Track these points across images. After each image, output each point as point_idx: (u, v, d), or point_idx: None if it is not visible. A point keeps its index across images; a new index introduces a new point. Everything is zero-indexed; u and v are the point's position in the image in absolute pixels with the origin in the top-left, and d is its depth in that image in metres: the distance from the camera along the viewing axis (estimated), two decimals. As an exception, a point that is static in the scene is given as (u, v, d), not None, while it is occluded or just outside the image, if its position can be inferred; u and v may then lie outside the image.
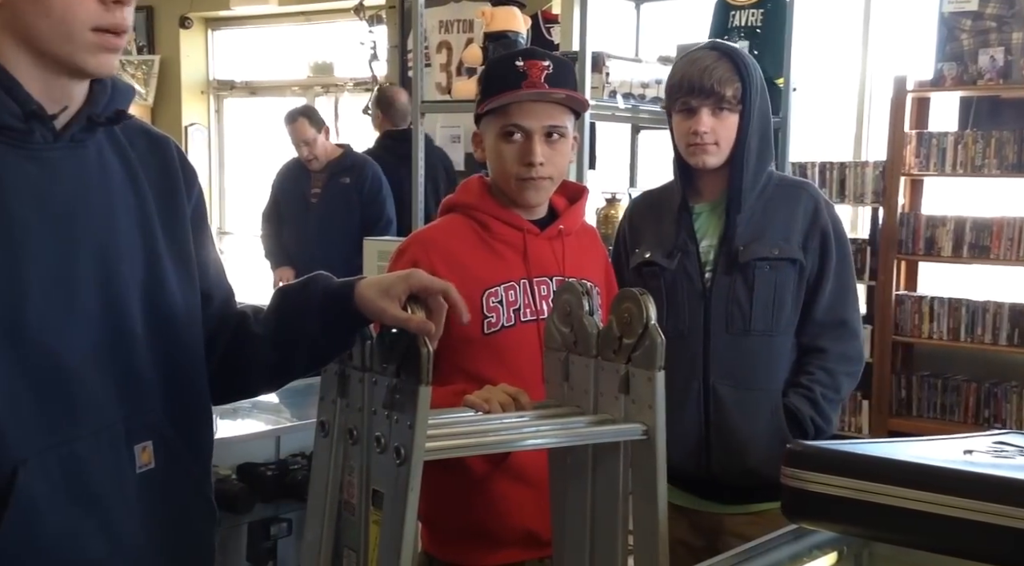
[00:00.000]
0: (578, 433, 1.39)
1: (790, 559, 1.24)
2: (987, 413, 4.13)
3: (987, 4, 4.11)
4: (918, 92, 4.28)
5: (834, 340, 1.84)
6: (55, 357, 1.04)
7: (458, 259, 1.69)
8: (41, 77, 1.06)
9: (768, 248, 1.82)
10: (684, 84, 1.84)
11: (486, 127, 1.71)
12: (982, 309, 4.14)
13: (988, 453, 1.30)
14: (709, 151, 1.83)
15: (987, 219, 4.14)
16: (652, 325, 1.36)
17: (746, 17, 4.31)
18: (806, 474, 1.22)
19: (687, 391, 1.85)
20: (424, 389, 1.12)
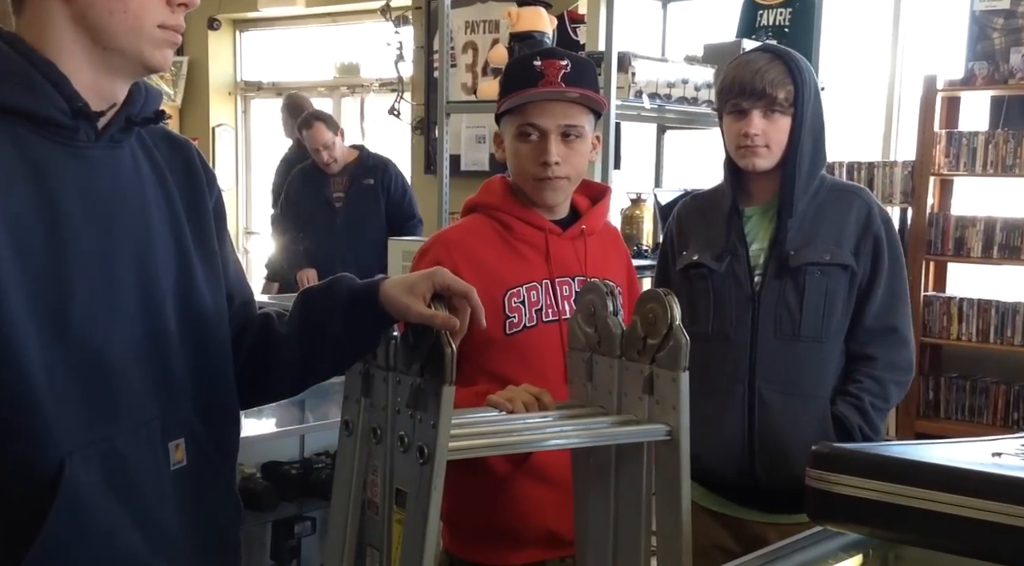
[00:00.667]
0: (602, 433, 1.39)
1: (815, 561, 1.23)
2: (1016, 416, 4.08)
3: (1019, 2, 4.06)
4: (948, 91, 4.23)
5: (884, 347, 1.82)
6: (99, 354, 1.06)
7: (481, 259, 1.69)
8: (94, 74, 1.07)
9: (819, 253, 1.80)
10: (736, 86, 1.83)
11: (505, 127, 1.72)
12: (1012, 310, 4.09)
13: (1017, 455, 1.28)
14: (759, 153, 1.82)
15: (1018, 219, 4.09)
16: (677, 325, 1.36)
17: (774, 16, 4.28)
18: (832, 476, 1.21)
19: (731, 395, 1.83)
20: (448, 389, 1.13)
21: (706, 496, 1.91)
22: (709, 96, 3.19)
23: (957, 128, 4.29)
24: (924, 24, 4.57)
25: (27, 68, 1.03)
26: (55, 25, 1.04)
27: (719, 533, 1.84)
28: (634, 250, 3.57)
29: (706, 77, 3.18)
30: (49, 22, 1.04)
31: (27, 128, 1.02)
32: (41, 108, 1.03)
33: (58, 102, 1.04)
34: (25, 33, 1.06)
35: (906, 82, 4.55)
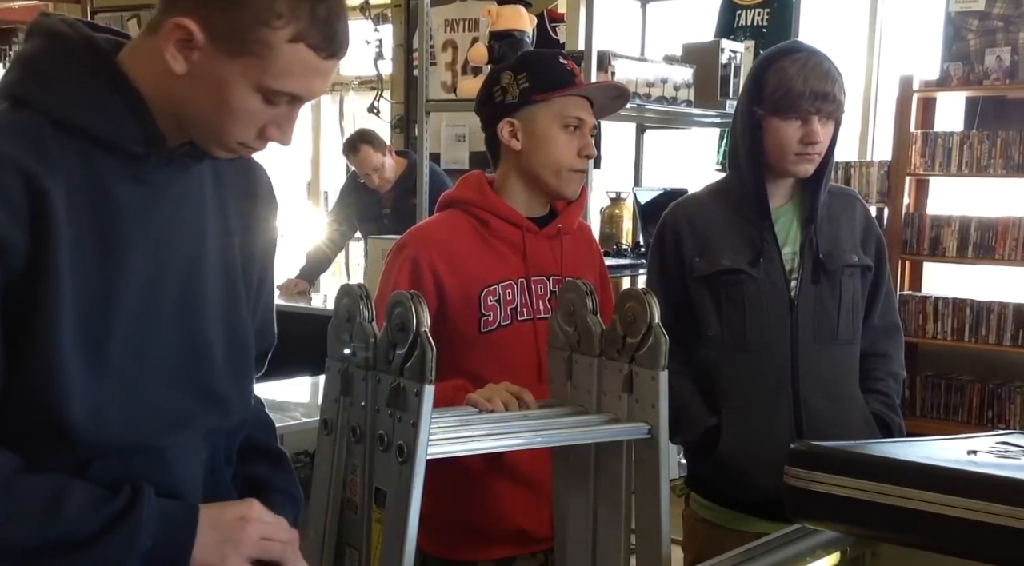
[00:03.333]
0: (582, 432, 1.39)
1: (793, 559, 1.24)
2: (991, 414, 4.12)
3: (994, 4, 4.10)
4: (924, 92, 4.27)
5: (894, 345, 1.88)
6: (133, 383, 1.06)
7: (457, 256, 1.68)
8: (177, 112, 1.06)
9: (848, 255, 1.81)
10: (807, 91, 1.72)
11: (534, 116, 1.69)
12: (986, 309, 4.13)
13: (992, 453, 1.30)
14: (815, 160, 1.77)
15: (992, 219, 4.13)
16: (656, 324, 1.36)
17: (752, 16, 4.30)
18: (811, 474, 1.21)
19: (777, 407, 1.76)
20: (428, 388, 1.12)
21: (737, 519, 1.81)
22: (688, 95, 3.20)
23: (933, 129, 4.33)
24: (900, 25, 4.61)
25: (109, 93, 1.01)
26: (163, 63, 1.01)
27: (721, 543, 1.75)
28: (613, 249, 3.58)
29: (685, 77, 3.19)
30: (159, 59, 1.01)
31: (98, 149, 1.01)
32: (113, 135, 1.02)
33: (133, 131, 1.02)
34: (131, 54, 1.04)
35: (882, 83, 4.59)
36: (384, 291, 1.63)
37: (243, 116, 1.02)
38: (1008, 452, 1.30)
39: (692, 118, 3.45)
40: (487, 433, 1.29)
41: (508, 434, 1.31)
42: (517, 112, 1.70)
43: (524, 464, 1.62)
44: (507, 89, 1.70)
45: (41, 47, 1.02)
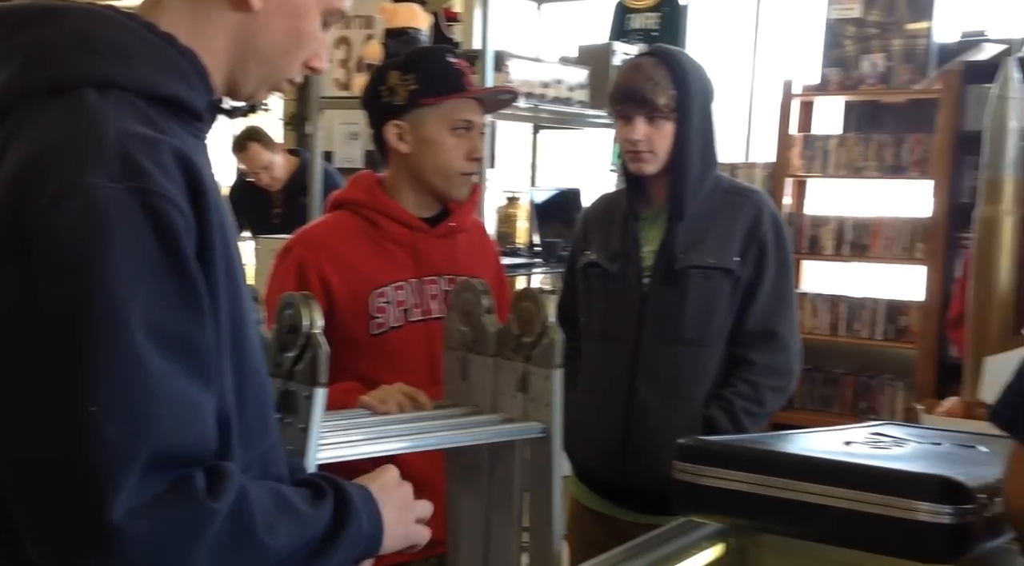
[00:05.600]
0: (476, 433, 1.40)
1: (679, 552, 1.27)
2: (863, 405, 4.33)
3: (870, 11, 4.29)
4: (804, 96, 4.44)
5: (762, 352, 1.80)
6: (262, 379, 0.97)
7: (345, 258, 1.66)
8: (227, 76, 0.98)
9: (704, 257, 1.80)
10: (619, 92, 1.83)
11: (422, 119, 1.67)
12: (860, 305, 4.33)
13: (866, 444, 1.36)
14: (644, 159, 1.81)
15: (867, 219, 4.33)
16: (551, 323, 1.38)
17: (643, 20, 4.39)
18: (697, 468, 1.25)
19: (611, 395, 1.84)
20: (320, 391, 1.11)
21: (586, 495, 1.94)
22: (583, 96, 3.25)
23: (812, 132, 4.51)
24: (782, 31, 4.78)
25: (176, 57, 0.92)
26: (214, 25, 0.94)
27: (598, 531, 1.86)
28: (509, 248, 3.60)
29: (580, 78, 3.24)
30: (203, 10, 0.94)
31: (175, 119, 0.91)
32: (196, 99, 0.93)
33: (202, 92, 0.94)
34: (158, 14, 0.94)
35: (765, 87, 4.76)
36: (271, 295, 1.59)
37: (310, 43, 0.99)
38: (880, 442, 1.37)
39: (586, 119, 3.50)
40: (380, 436, 1.28)
41: (402, 437, 1.31)
42: (405, 114, 1.68)
43: (415, 467, 1.59)
44: (395, 89, 1.68)
45: (86, 25, 0.90)
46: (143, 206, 0.79)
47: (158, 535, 0.76)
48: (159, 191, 0.80)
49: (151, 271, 0.79)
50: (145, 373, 0.77)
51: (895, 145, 4.24)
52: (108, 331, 0.76)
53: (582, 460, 1.91)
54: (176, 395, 0.78)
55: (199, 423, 0.80)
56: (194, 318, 0.81)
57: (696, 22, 4.39)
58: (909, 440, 1.40)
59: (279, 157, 4.30)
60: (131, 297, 0.77)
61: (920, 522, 1.08)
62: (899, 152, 4.23)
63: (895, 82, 4.24)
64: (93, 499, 0.75)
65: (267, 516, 0.83)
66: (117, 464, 0.75)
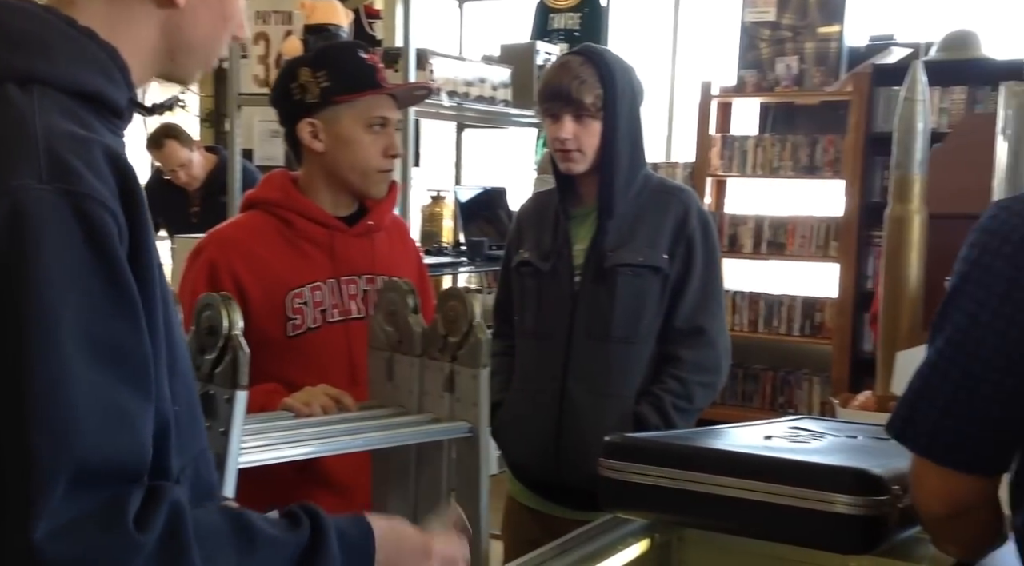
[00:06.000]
0: (403, 433, 1.39)
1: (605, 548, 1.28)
2: (782, 399, 4.44)
3: (783, 14, 4.40)
4: (722, 97, 4.54)
5: (690, 348, 1.82)
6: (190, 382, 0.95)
7: (259, 259, 1.62)
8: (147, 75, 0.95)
9: (633, 255, 1.81)
10: (547, 91, 1.83)
11: (336, 116, 1.64)
12: (778, 302, 4.45)
13: (785, 438, 1.39)
14: (573, 158, 1.82)
15: (783, 218, 4.45)
16: (477, 323, 1.38)
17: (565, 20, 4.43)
18: (623, 464, 1.26)
19: (543, 393, 1.85)
20: (241, 393, 1.09)
21: (522, 492, 1.94)
22: (507, 95, 3.26)
23: (730, 132, 4.61)
24: (700, 33, 4.87)
25: (98, 52, 0.88)
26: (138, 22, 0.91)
27: (533, 528, 1.86)
28: (434, 247, 3.59)
29: (503, 77, 3.24)
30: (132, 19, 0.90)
31: (96, 116, 0.87)
32: (118, 96, 0.89)
33: (123, 89, 0.90)
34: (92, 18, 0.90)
35: (684, 88, 4.84)
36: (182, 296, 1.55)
37: (233, 23, 0.97)
38: (799, 436, 1.40)
39: (510, 118, 3.51)
40: (304, 439, 1.27)
41: (327, 439, 1.29)
42: (318, 112, 1.64)
43: (336, 470, 1.58)
44: (306, 87, 1.64)
45: (3, 16, 0.86)
46: (73, 209, 0.76)
47: (79, 560, 0.73)
48: (90, 193, 0.77)
49: (82, 278, 0.76)
50: (73, 385, 0.74)
51: (809, 146, 4.35)
52: (36, 342, 0.73)
53: (517, 458, 1.92)
54: (106, 407, 0.75)
55: (131, 434, 0.77)
56: (128, 326, 0.78)
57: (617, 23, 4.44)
58: (826, 434, 1.44)
59: (197, 155, 4.20)
60: (61, 305, 0.74)
61: (837, 514, 1.11)
62: (813, 152, 4.34)
63: (808, 84, 4.36)
64: (14, 516, 0.71)
65: (209, 547, 0.79)
66: (40, 479, 0.72)
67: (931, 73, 2.45)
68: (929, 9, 4.26)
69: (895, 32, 4.38)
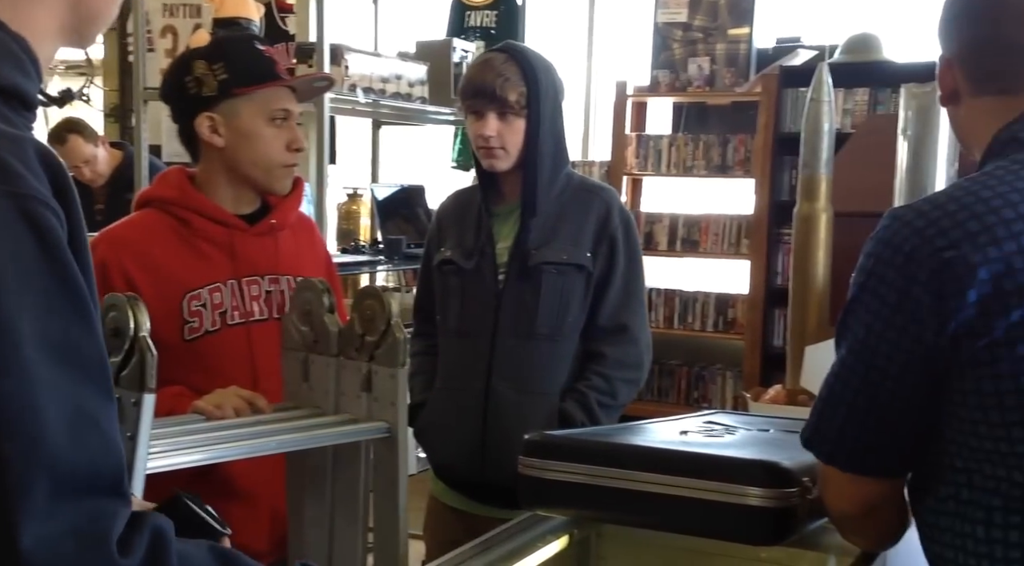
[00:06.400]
0: (319, 435, 1.37)
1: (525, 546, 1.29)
2: (696, 394, 4.54)
3: (695, 16, 4.48)
4: (637, 97, 4.60)
5: (613, 345, 1.83)
6: None
7: (154, 260, 1.56)
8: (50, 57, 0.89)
9: (557, 253, 1.82)
10: (470, 88, 1.82)
11: (236, 110, 1.58)
12: (692, 299, 4.53)
13: (700, 433, 1.42)
14: (497, 155, 1.81)
15: (697, 216, 4.54)
16: (395, 322, 1.37)
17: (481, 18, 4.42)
18: (542, 462, 1.27)
19: (468, 392, 1.84)
20: (148, 397, 1.06)
21: (445, 492, 1.93)
22: (423, 92, 3.23)
23: (645, 131, 4.67)
24: (615, 33, 4.93)
25: (11, 44, 0.83)
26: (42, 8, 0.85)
27: (456, 528, 1.85)
28: (351, 246, 3.55)
29: (420, 74, 3.22)
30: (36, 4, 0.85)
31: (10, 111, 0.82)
32: (31, 89, 0.84)
33: (37, 84, 0.85)
34: None
35: (600, 87, 4.89)
36: None
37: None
38: (714, 431, 1.43)
39: (427, 115, 3.49)
40: (216, 442, 1.24)
41: (240, 442, 1.26)
42: (217, 106, 1.58)
43: (237, 478, 1.53)
44: (202, 80, 1.58)
45: None
46: (20, 212, 0.73)
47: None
48: (33, 194, 0.74)
49: (37, 280, 0.73)
50: (38, 388, 0.71)
51: (721, 145, 4.45)
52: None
53: (441, 458, 1.91)
54: (73, 409, 0.73)
55: (100, 435, 0.75)
56: (85, 326, 0.76)
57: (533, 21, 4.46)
58: (739, 428, 1.47)
59: (101, 151, 4.07)
60: (17, 309, 0.71)
61: (750, 506, 1.14)
62: (725, 152, 4.44)
63: (719, 85, 4.45)
64: (3, 521, 0.69)
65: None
66: (15, 486, 0.69)
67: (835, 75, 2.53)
68: (833, 12, 4.40)
69: (801, 34, 4.50)
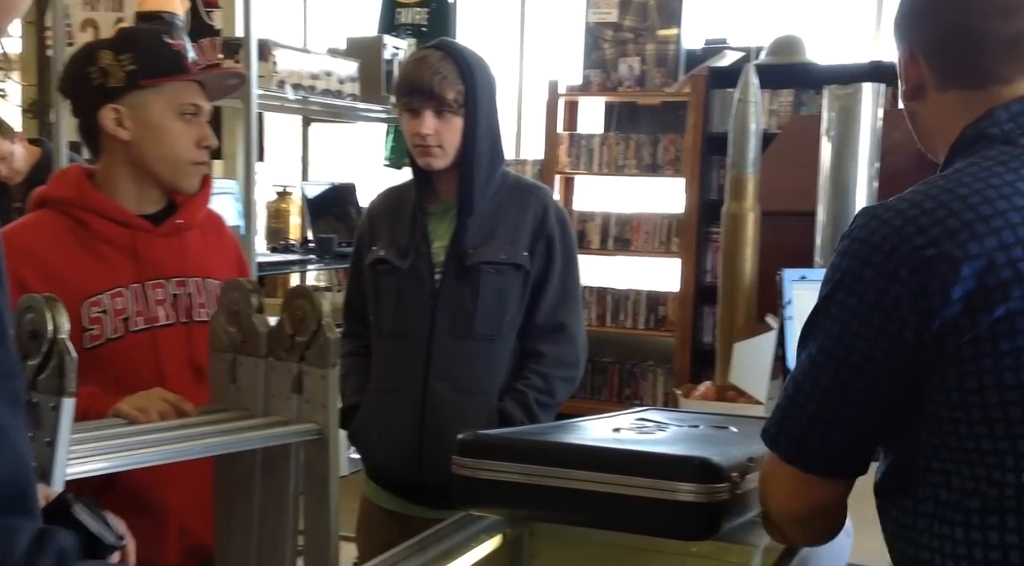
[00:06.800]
0: (248, 437, 1.34)
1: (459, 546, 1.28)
2: (628, 391, 4.58)
3: (625, 16, 4.53)
4: (568, 96, 4.62)
5: (552, 344, 1.83)
6: None
7: (50, 264, 1.48)
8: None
9: (495, 252, 1.81)
10: (407, 85, 1.80)
11: (144, 103, 1.52)
12: (624, 297, 4.58)
13: (632, 430, 1.43)
14: (434, 154, 1.80)
15: (628, 215, 4.58)
16: (326, 322, 1.35)
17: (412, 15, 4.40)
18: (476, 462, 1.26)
19: (406, 393, 1.81)
20: (68, 401, 1.03)
21: (379, 494, 1.91)
22: (354, 89, 3.20)
23: (577, 130, 4.70)
24: (547, 32, 4.95)
25: None
26: None
27: (390, 530, 1.83)
28: (281, 244, 3.49)
29: (350, 70, 3.19)
30: None
31: None
32: None
33: None
34: None
35: (533, 86, 4.91)
36: None
37: None
38: (645, 427, 1.44)
39: (358, 113, 3.45)
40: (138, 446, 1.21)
41: (166, 446, 1.23)
42: (123, 97, 1.52)
43: (143, 493, 1.47)
44: (108, 70, 1.52)
45: None
46: None
47: None
48: None
49: None
50: None
51: (652, 145, 4.50)
52: None
53: (377, 459, 1.88)
54: None
55: (10, 449, 0.70)
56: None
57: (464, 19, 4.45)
58: (670, 424, 1.48)
59: (19, 147, 3.93)
60: None
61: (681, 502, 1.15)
62: (655, 151, 4.49)
63: (650, 85, 4.50)
64: None
65: None
66: None
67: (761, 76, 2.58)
68: (759, 14, 4.48)
69: (728, 36, 4.58)
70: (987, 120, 1.02)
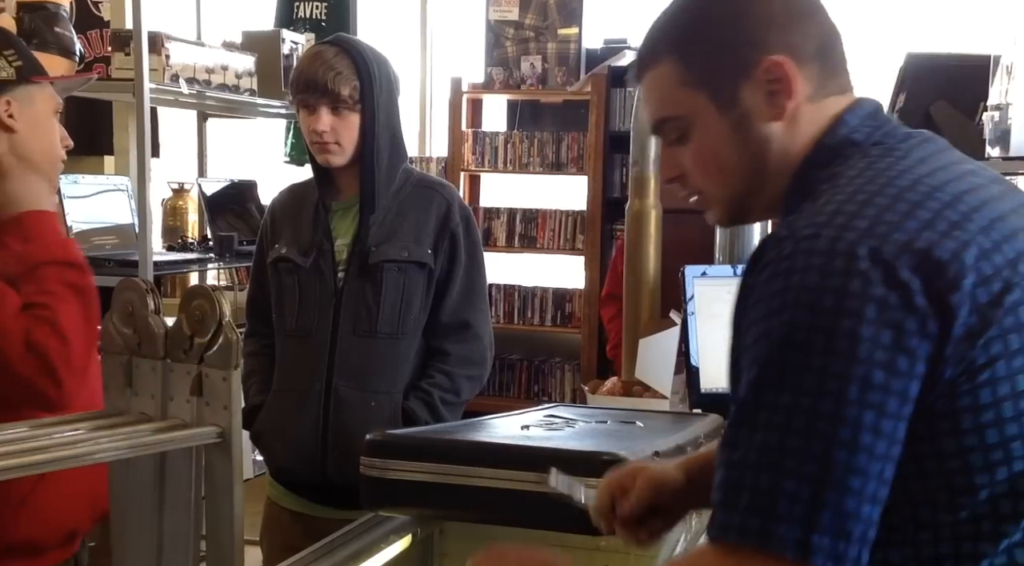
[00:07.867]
0: (144, 442, 1.30)
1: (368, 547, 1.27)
2: (536, 388, 4.61)
3: (526, 15, 4.55)
4: (472, 94, 4.62)
5: (457, 342, 1.83)
6: None
7: None
8: None
9: (398, 250, 1.79)
10: (301, 81, 1.77)
11: (31, 97, 1.50)
12: (531, 294, 4.61)
13: (541, 427, 1.44)
14: (331, 150, 1.77)
15: (534, 211, 4.61)
16: (226, 322, 1.31)
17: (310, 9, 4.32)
18: (383, 462, 1.25)
19: (308, 393, 1.79)
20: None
21: (284, 496, 1.88)
22: (252, 84, 3.12)
23: (481, 128, 4.70)
24: (450, 29, 4.93)
25: None
26: None
27: (295, 532, 1.80)
28: (179, 243, 3.39)
29: (247, 65, 3.11)
30: None
31: None
32: None
33: None
34: None
35: (436, 83, 4.88)
36: None
37: None
38: (554, 424, 1.45)
39: (257, 108, 3.37)
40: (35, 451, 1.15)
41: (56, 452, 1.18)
42: (13, 90, 1.50)
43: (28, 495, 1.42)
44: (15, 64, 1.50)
45: None
46: None
47: None
48: None
49: None
50: None
51: (555, 143, 4.54)
52: None
53: (280, 460, 1.85)
54: None
55: None
56: None
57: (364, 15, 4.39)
58: (578, 420, 1.49)
59: None
60: None
61: (591, 496, 1.15)
62: (559, 149, 4.53)
63: (552, 83, 4.53)
64: None
65: None
66: None
67: (663, 76, 2.62)
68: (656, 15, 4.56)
69: (628, 36, 4.65)
70: (847, 126, 0.91)
